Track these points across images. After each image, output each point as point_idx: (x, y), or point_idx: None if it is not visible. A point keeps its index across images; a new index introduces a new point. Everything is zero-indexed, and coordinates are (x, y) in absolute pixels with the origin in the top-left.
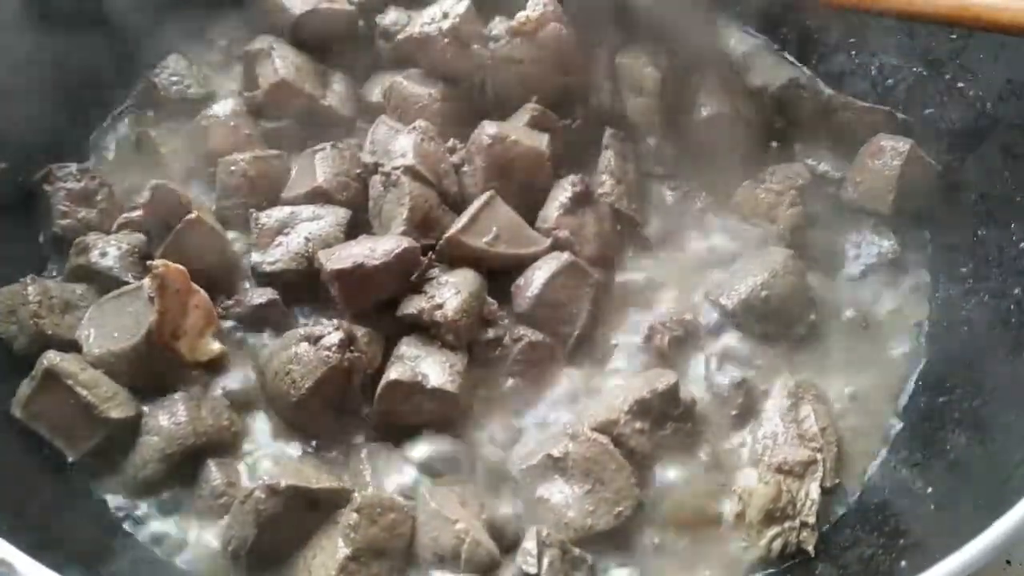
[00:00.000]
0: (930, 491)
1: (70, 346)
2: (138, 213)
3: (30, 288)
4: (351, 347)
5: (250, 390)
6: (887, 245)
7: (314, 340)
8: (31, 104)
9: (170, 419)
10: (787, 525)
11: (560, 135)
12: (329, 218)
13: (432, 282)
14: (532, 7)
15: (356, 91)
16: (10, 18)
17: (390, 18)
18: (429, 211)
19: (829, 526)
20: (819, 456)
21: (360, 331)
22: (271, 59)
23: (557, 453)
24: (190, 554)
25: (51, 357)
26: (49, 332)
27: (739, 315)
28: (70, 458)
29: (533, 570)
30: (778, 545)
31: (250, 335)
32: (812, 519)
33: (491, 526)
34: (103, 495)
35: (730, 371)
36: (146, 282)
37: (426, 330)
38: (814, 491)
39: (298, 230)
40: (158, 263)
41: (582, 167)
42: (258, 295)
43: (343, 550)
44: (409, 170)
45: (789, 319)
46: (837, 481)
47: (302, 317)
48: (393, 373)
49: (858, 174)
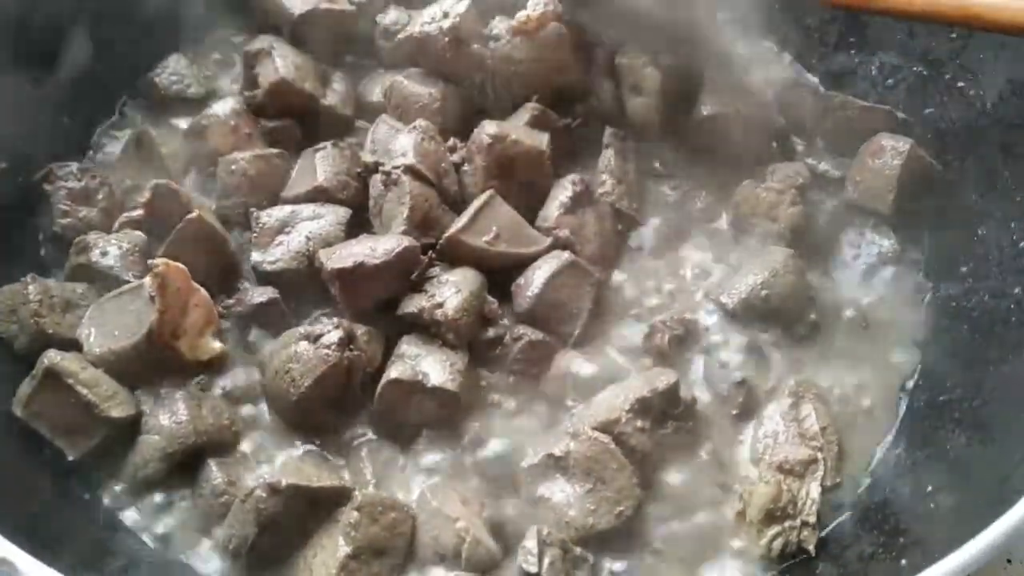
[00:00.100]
0: (930, 490)
1: (71, 345)
2: (139, 212)
3: (31, 287)
4: (351, 346)
5: (250, 389)
6: (887, 244)
7: (314, 339)
8: (32, 103)
9: (170, 418)
10: (788, 524)
11: (560, 134)
12: (329, 217)
13: (432, 281)
14: (532, 6)
15: (356, 90)
16: (10, 18)
17: (390, 17)
18: (429, 210)
19: (830, 525)
20: (820, 455)
21: (360, 330)
22: (271, 58)
23: (558, 452)
24: (190, 553)
25: (52, 356)
26: (50, 331)
27: (739, 314)
28: (71, 457)
29: (534, 569)
30: (779, 544)
31: (250, 334)
32: (813, 518)
33: (492, 525)
34: (103, 494)
35: (731, 370)
36: (147, 281)
37: (426, 329)
38: (815, 490)
39: (299, 229)
40: (159, 262)
41: (582, 166)
42: (258, 294)
43: (344, 549)
44: (409, 169)
45: (789, 318)
46: (838, 480)
47: (302, 316)
48: (393, 372)
49: (858, 173)
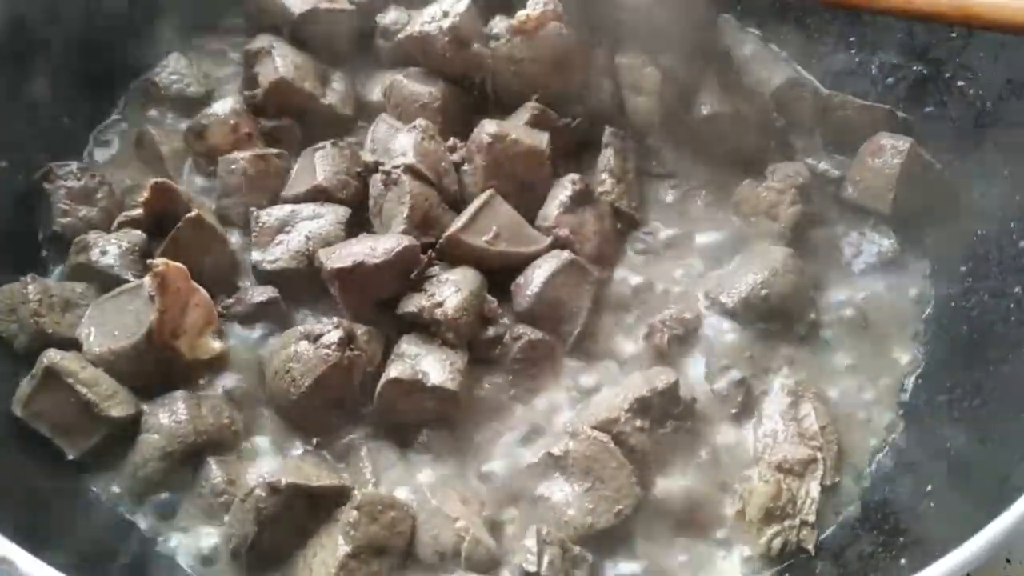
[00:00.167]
0: (930, 489)
1: (70, 344)
2: (138, 211)
3: (30, 286)
4: (351, 345)
5: (250, 388)
6: (887, 244)
7: (314, 338)
8: (31, 103)
9: (170, 417)
10: (787, 523)
11: (560, 134)
12: (329, 216)
13: (432, 280)
14: (532, 6)
15: (356, 90)
16: (10, 17)
17: (390, 17)
18: (429, 209)
19: (829, 524)
20: (819, 454)
21: (360, 329)
22: (271, 58)
23: (557, 451)
24: (190, 552)
25: (51, 355)
26: (49, 330)
27: (739, 313)
28: (70, 456)
29: (533, 568)
30: (778, 543)
31: (250, 333)
32: (812, 517)
33: (491, 524)
34: (103, 493)
35: (730, 370)
36: (146, 280)
37: (426, 328)
38: (814, 489)
39: (298, 228)
40: (158, 261)
41: (582, 166)
42: (258, 293)
43: (343, 548)
44: (409, 169)
45: (789, 317)
46: (837, 479)
47: (302, 315)
48: (393, 371)
49: (858, 173)
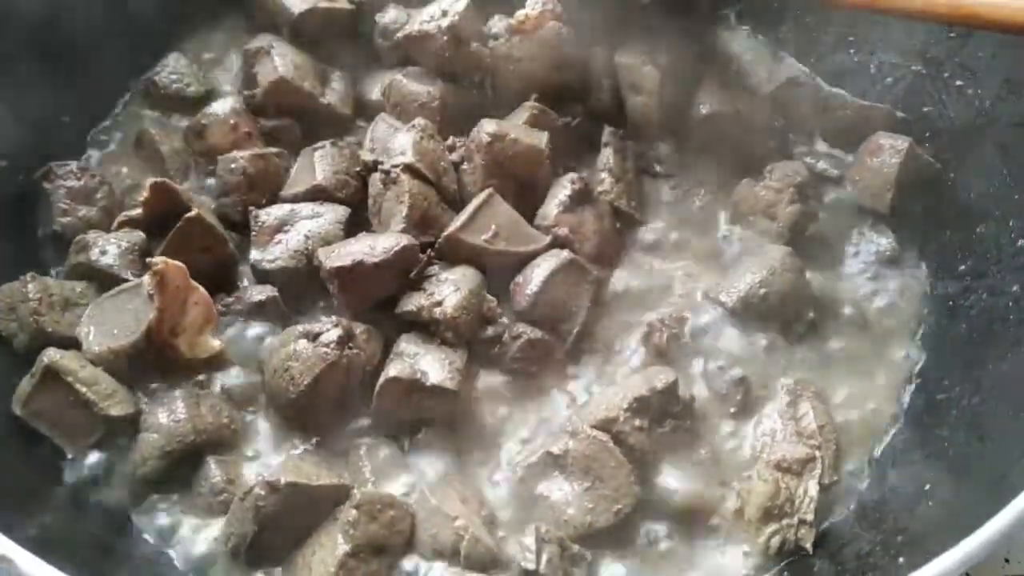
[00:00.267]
0: (928, 488)
1: (70, 343)
2: (138, 211)
3: (30, 285)
4: (350, 344)
5: (249, 387)
6: (885, 243)
7: (313, 337)
8: (31, 102)
9: (170, 416)
10: (785, 522)
11: (559, 133)
12: (328, 216)
13: (431, 279)
14: (531, 5)
15: (355, 89)
16: (10, 16)
17: (389, 16)
18: (428, 209)
19: (827, 523)
20: (818, 453)
21: (359, 328)
22: (270, 57)
23: (557, 450)
24: (190, 551)
25: (51, 354)
26: (49, 329)
27: (738, 313)
28: (70, 455)
29: (532, 567)
30: (776, 542)
31: (250, 332)
32: (810, 516)
33: (490, 523)
34: (103, 492)
35: (729, 369)
36: (146, 279)
37: (425, 327)
38: (812, 488)
39: (297, 228)
40: (158, 260)
41: (581, 165)
42: (257, 292)
43: (342, 546)
44: (408, 168)
45: (788, 317)
46: (835, 478)
47: (301, 314)
48: (392, 370)
49: (857, 172)
